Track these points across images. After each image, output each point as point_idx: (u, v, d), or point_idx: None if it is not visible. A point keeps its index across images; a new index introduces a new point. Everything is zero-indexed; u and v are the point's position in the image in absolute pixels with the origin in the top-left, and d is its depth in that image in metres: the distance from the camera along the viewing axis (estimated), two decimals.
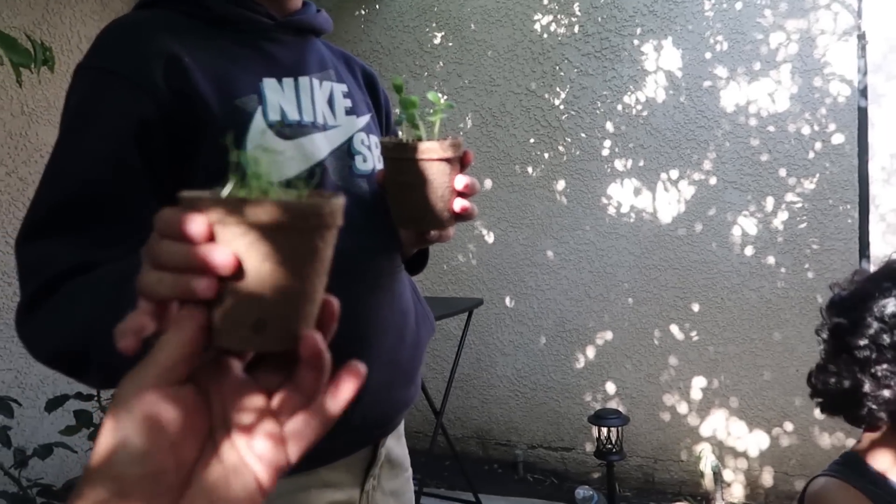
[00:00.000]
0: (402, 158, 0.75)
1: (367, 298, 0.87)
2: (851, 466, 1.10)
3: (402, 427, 1.05)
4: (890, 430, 1.04)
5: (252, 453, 0.38)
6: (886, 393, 1.00)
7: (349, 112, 0.94)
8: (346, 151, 0.91)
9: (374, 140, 0.96)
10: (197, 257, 0.37)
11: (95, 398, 2.13)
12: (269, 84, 0.84)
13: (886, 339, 1.00)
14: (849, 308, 1.08)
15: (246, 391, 0.40)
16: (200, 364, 0.39)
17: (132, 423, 0.35)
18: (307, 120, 0.87)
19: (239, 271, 0.37)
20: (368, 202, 0.91)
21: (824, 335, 1.13)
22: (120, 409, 0.36)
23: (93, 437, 2.06)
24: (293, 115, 0.85)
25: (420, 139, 0.76)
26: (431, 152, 0.73)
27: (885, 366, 0.99)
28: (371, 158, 0.93)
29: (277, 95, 0.84)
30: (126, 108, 0.75)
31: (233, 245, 0.37)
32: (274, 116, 0.82)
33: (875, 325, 1.01)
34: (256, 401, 0.39)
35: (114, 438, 0.35)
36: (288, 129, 0.83)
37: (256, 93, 0.82)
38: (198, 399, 0.39)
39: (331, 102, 0.92)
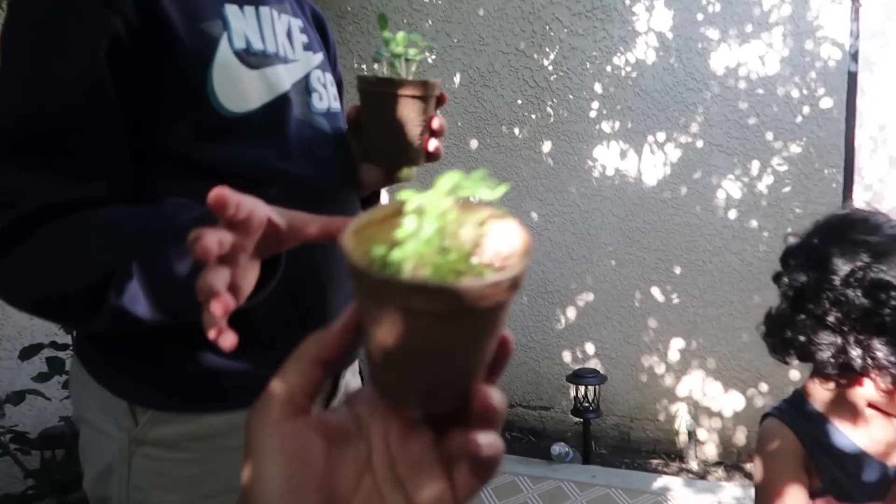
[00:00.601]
0: (382, 93, 0.75)
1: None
2: (795, 405, 1.12)
3: (357, 361, 1.07)
4: (836, 379, 1.05)
5: (419, 497, 0.34)
6: (835, 345, 1.00)
7: (306, 48, 0.92)
8: (304, 87, 0.89)
9: (329, 78, 0.95)
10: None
11: (70, 347, 2.14)
12: (231, 10, 0.81)
13: (842, 296, 1.00)
14: (807, 263, 1.09)
15: (414, 430, 0.36)
16: (359, 396, 0.37)
17: (272, 456, 0.33)
18: (271, 50, 0.84)
19: (412, 347, 0.32)
20: (330, 138, 0.91)
21: (783, 286, 1.14)
22: (257, 446, 0.34)
23: (67, 385, 2.07)
24: (257, 44, 0.82)
25: (398, 77, 0.76)
26: (412, 89, 0.74)
27: (837, 319, 1.00)
28: (326, 97, 0.92)
29: (241, 22, 0.81)
30: (96, 24, 0.70)
31: (409, 322, 0.31)
32: (239, 44, 0.80)
33: (834, 281, 1.01)
34: (425, 441, 0.36)
35: (256, 477, 0.33)
36: (253, 59, 0.81)
37: (220, 18, 0.79)
38: (351, 431, 0.36)
39: (289, 36, 0.90)
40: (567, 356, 3.43)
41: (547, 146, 3.42)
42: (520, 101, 3.46)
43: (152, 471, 0.78)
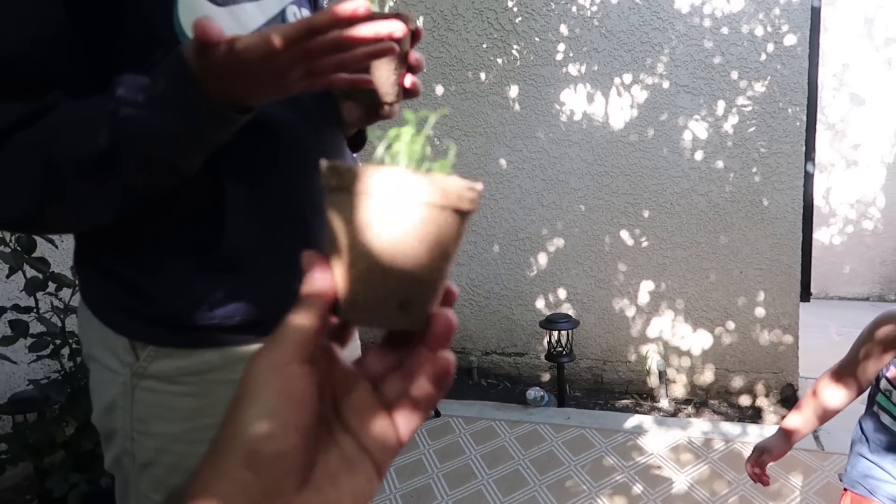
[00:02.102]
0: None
1: (312, 173, 0.86)
2: None
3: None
4: None
5: (368, 441, 0.37)
6: None
7: None
8: (279, 23, 0.87)
9: (306, 13, 0.92)
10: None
11: (34, 309, 2.08)
12: None
13: None
14: None
15: (354, 379, 0.39)
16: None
17: (273, 397, 0.33)
18: None
19: (395, 247, 0.35)
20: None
21: None
22: (258, 383, 0.34)
23: (33, 348, 2.02)
24: None
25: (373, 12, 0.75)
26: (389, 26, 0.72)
27: None
28: None
29: None
30: None
31: (394, 219, 0.35)
32: None
33: None
34: (364, 389, 0.38)
35: (250, 413, 0.33)
36: None
37: None
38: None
39: None
40: (540, 302, 3.46)
41: (514, 91, 3.37)
42: (485, 45, 3.38)
43: (153, 403, 0.81)
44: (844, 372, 1.32)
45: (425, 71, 3.46)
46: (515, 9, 3.30)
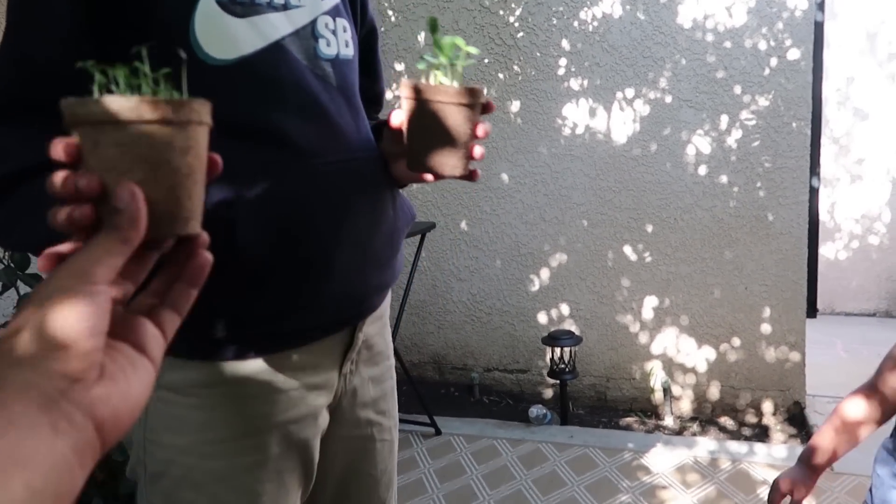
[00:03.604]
0: (433, 101, 0.73)
1: (333, 179, 0.85)
2: None
3: (385, 315, 1.04)
4: None
5: (143, 343, 0.44)
6: None
7: None
8: (309, 33, 0.86)
9: (342, 24, 0.92)
10: (68, 185, 0.43)
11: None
12: None
13: None
14: None
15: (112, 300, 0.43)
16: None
17: (93, 310, 0.39)
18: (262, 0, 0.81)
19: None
20: (334, 86, 0.88)
21: None
22: (73, 295, 0.39)
23: None
24: None
25: (444, 83, 0.75)
26: (463, 97, 0.72)
27: None
28: (335, 43, 0.89)
29: None
30: None
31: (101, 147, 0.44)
32: None
33: None
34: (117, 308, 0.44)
35: (72, 320, 0.38)
36: (239, 7, 0.78)
37: None
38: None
39: None
40: (542, 318, 3.41)
41: (515, 106, 3.35)
42: (486, 60, 3.37)
43: (165, 414, 0.81)
44: (873, 391, 1.23)
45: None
46: (517, 24, 3.29)
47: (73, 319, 0.38)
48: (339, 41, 0.90)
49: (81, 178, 0.44)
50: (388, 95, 3.52)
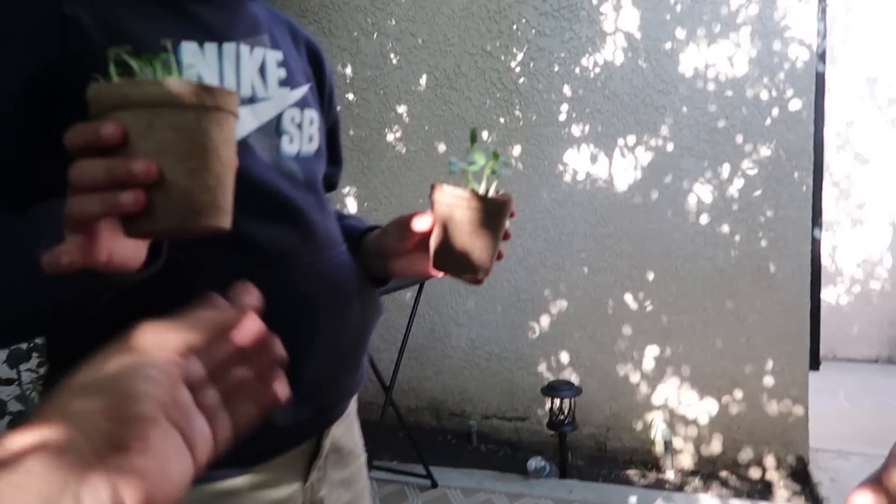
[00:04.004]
0: (467, 207, 0.75)
1: (302, 282, 0.80)
2: None
3: (353, 412, 0.98)
4: None
5: (193, 438, 0.40)
6: None
7: (283, 83, 0.84)
8: (273, 128, 0.82)
9: (310, 116, 0.88)
10: (118, 170, 0.41)
11: (16, 381, 2.00)
12: (188, 48, 0.74)
13: None
14: None
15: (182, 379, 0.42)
16: None
17: (161, 378, 0.38)
18: None
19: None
20: (301, 182, 0.84)
21: None
22: (144, 358, 0.38)
23: (11, 425, 1.93)
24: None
25: (476, 189, 0.76)
26: (496, 205, 0.74)
27: None
28: (298, 139, 0.85)
29: (196, 61, 0.74)
30: (16, 67, 0.66)
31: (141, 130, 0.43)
32: None
33: None
34: (186, 394, 0.41)
35: (136, 384, 0.36)
36: None
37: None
38: None
39: (262, 71, 0.82)
40: (542, 366, 3.36)
41: (517, 150, 3.34)
42: (488, 104, 3.36)
43: None
44: (880, 487, 1.17)
45: (427, 129, 3.44)
46: (518, 69, 3.29)
47: (137, 383, 0.36)
48: (304, 136, 0.86)
49: (138, 162, 0.42)
50: (390, 137, 3.51)
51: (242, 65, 0.79)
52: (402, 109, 3.48)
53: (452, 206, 0.75)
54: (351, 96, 3.55)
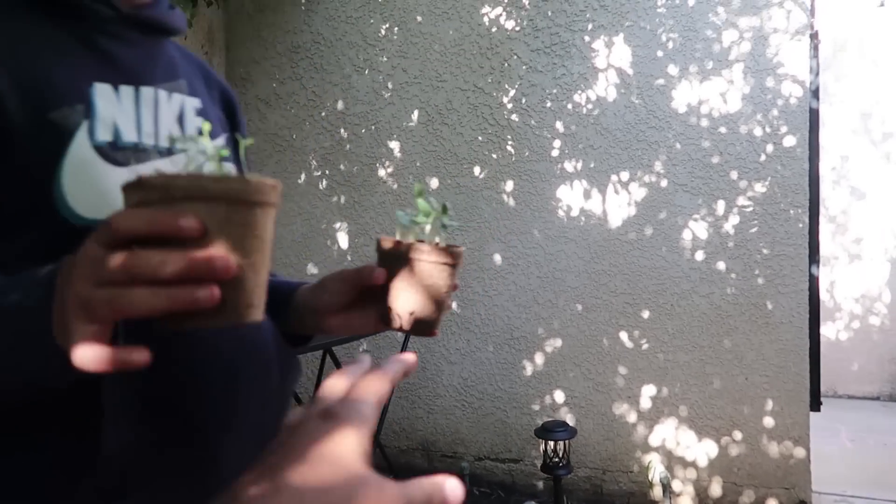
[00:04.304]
0: (419, 260, 0.72)
1: (220, 351, 0.70)
2: None
3: None
4: None
5: None
6: None
7: (201, 133, 0.78)
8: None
9: (227, 167, 0.80)
10: (199, 265, 0.41)
11: None
12: (101, 91, 0.67)
13: None
14: None
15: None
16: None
17: None
18: (147, 142, 0.70)
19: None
20: None
21: None
22: None
23: None
24: (130, 135, 0.68)
25: (431, 243, 0.75)
26: (446, 257, 0.72)
27: None
28: None
29: (112, 107, 0.67)
30: None
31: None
32: (104, 136, 0.65)
33: None
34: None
35: None
36: (121, 154, 0.66)
37: (84, 102, 0.65)
38: None
39: (181, 120, 0.76)
40: (536, 405, 3.28)
41: (509, 186, 3.30)
42: (480, 139, 3.34)
43: None
44: None
45: (418, 164, 3.41)
46: (510, 105, 3.27)
47: None
48: None
49: (219, 258, 0.42)
50: (382, 172, 3.48)
51: (161, 112, 0.72)
52: (393, 145, 3.45)
53: (400, 259, 0.72)
54: (342, 132, 3.53)
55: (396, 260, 0.72)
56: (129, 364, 0.44)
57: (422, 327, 0.74)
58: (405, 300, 0.73)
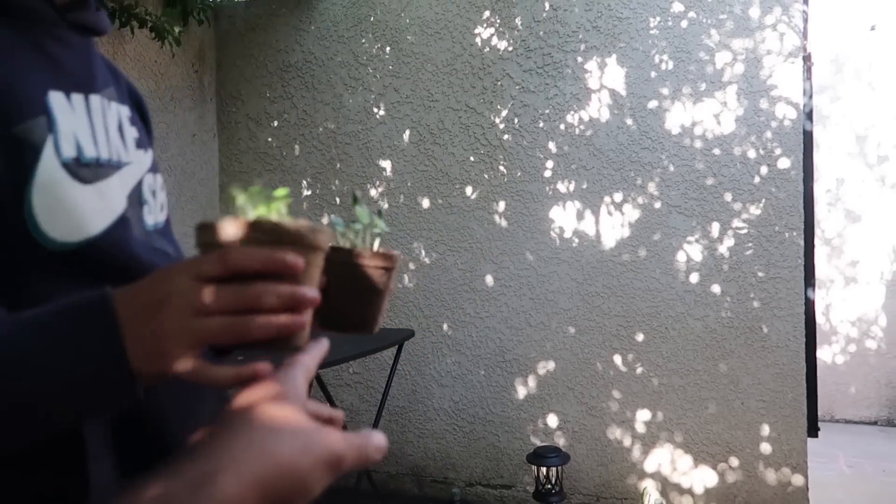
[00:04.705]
0: (354, 265, 0.74)
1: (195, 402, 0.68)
2: None
3: None
4: None
5: None
6: None
7: (139, 145, 0.74)
8: (136, 199, 0.71)
9: (160, 182, 0.77)
10: (300, 296, 0.49)
11: None
12: (56, 99, 0.62)
13: None
14: None
15: None
16: None
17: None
18: (104, 156, 0.66)
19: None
20: (171, 257, 0.74)
21: None
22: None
23: None
24: (90, 151, 0.64)
25: (366, 247, 0.76)
26: (383, 261, 0.74)
27: None
28: (154, 208, 0.74)
29: (70, 119, 0.62)
30: None
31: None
32: (69, 152, 0.61)
33: None
34: None
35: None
36: (86, 170, 0.62)
37: (44, 113, 0.60)
38: None
39: (121, 131, 0.71)
40: (528, 429, 3.21)
41: (501, 206, 3.27)
42: (472, 160, 3.31)
43: None
44: None
45: (409, 184, 3.38)
46: (502, 125, 3.25)
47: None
48: (157, 205, 0.75)
49: (310, 291, 0.50)
50: (373, 192, 3.44)
51: (108, 122, 0.68)
52: (385, 164, 3.42)
53: (342, 263, 0.72)
54: (333, 151, 3.50)
55: (341, 266, 0.73)
56: (257, 376, 0.48)
57: (355, 329, 0.76)
58: (342, 304, 0.74)
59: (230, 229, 0.50)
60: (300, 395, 0.47)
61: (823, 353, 4.41)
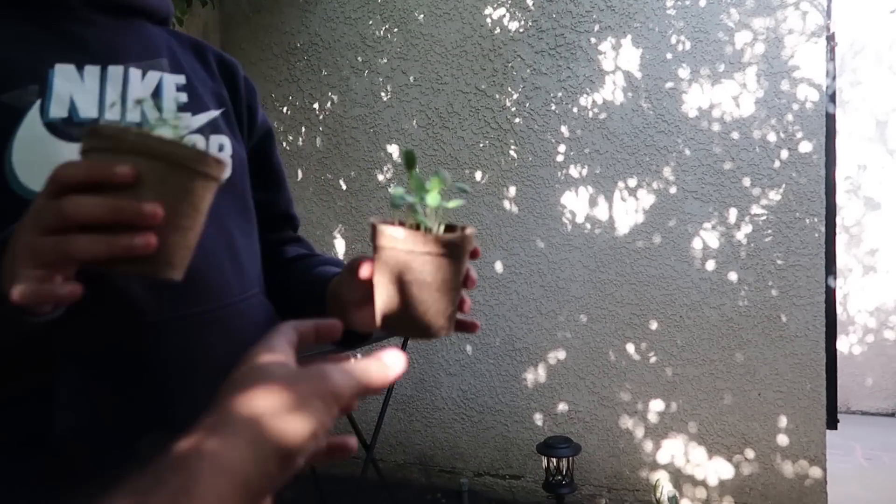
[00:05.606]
0: (411, 251, 0.57)
1: (181, 338, 0.70)
2: None
3: None
4: None
5: None
6: None
7: (182, 109, 0.79)
8: None
9: (218, 141, 0.80)
10: (128, 209, 0.45)
11: None
12: (62, 71, 0.70)
13: None
14: None
15: None
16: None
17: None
18: (111, 118, 0.72)
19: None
20: (213, 212, 0.70)
21: None
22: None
23: None
24: (88, 111, 0.70)
25: (422, 227, 0.59)
26: (450, 247, 0.57)
27: None
28: None
29: (72, 86, 0.70)
30: None
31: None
32: (58, 112, 0.68)
33: None
34: None
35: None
36: (76, 129, 0.69)
37: (38, 82, 0.69)
38: None
39: (157, 95, 0.77)
40: (538, 419, 3.15)
41: (512, 191, 3.19)
42: (482, 144, 3.23)
43: None
44: None
45: (418, 169, 3.29)
46: (514, 108, 3.16)
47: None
48: None
49: (148, 205, 0.46)
50: (380, 177, 3.37)
51: (130, 88, 0.74)
52: (392, 149, 3.35)
53: (399, 250, 0.57)
54: (340, 135, 3.43)
55: (394, 252, 0.59)
56: (58, 296, 0.47)
57: (424, 332, 0.60)
58: (406, 301, 0.60)
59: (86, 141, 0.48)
60: (285, 360, 0.43)
61: (841, 344, 4.32)
